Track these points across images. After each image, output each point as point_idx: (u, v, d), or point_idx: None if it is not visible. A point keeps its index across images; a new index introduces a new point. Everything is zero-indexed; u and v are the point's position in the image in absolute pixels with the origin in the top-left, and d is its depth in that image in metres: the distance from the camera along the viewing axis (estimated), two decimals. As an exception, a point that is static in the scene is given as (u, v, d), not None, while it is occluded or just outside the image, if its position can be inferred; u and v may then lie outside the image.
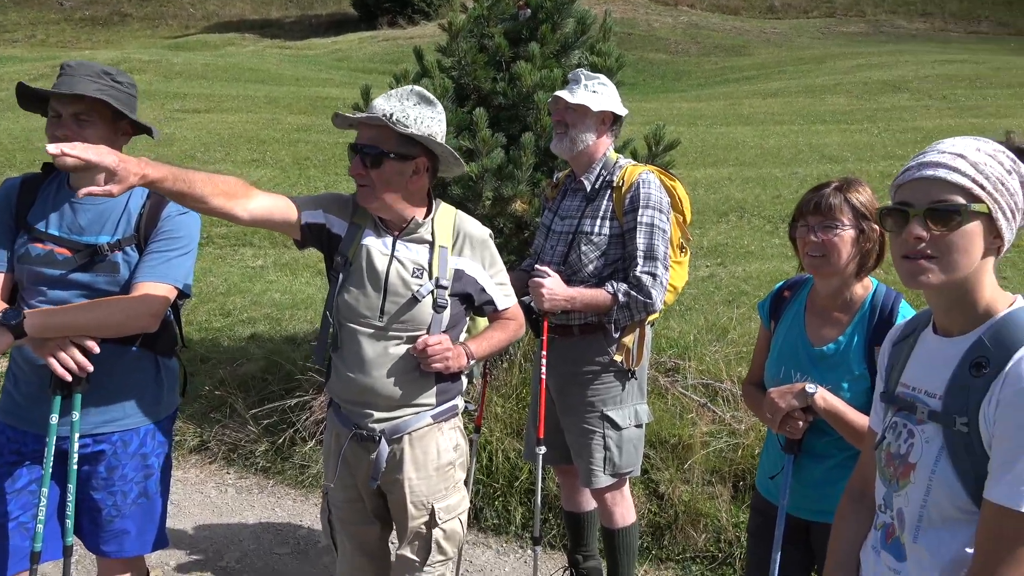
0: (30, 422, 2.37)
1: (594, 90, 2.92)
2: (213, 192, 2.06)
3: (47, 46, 30.64)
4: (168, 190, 1.99)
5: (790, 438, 2.14)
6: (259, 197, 2.19)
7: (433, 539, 2.35)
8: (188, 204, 2.08)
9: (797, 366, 2.19)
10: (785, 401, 2.09)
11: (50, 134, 2.28)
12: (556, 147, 2.97)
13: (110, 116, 2.30)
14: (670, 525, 3.71)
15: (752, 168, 11.20)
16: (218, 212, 2.11)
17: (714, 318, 5.50)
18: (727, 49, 27.92)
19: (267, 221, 2.23)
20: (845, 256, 2.10)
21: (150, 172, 1.91)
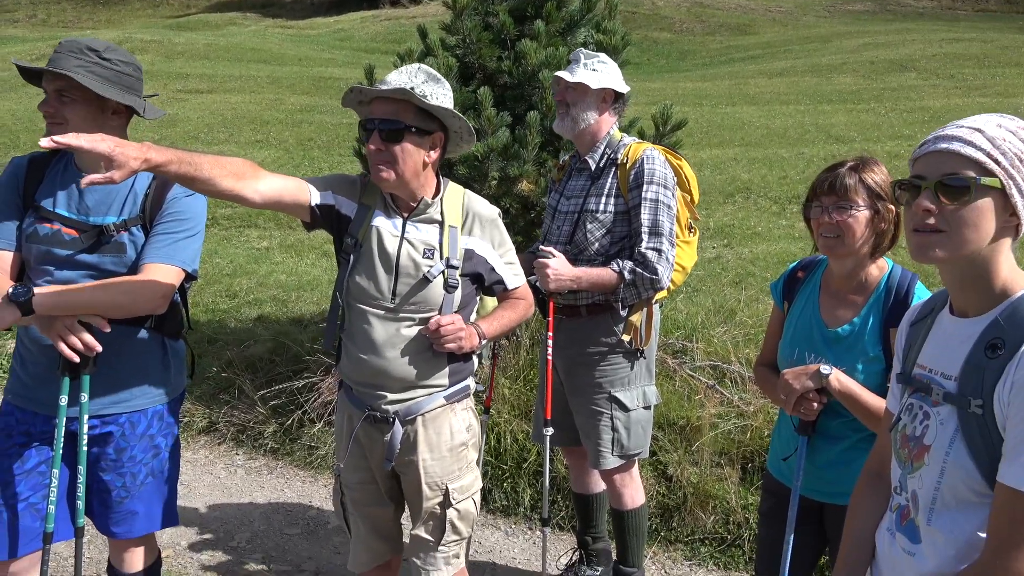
0: (38, 403, 2.37)
1: (594, 68, 2.90)
2: (221, 174, 2.03)
3: (48, 26, 30.49)
4: (174, 173, 1.96)
5: (804, 419, 2.13)
6: (269, 178, 2.17)
7: (447, 519, 2.36)
8: (196, 187, 2.05)
9: (811, 347, 2.17)
10: (800, 383, 2.07)
11: (42, 111, 2.28)
12: (559, 127, 2.97)
13: (93, 93, 2.25)
14: (679, 507, 3.71)
15: (758, 148, 11.14)
16: (227, 194, 2.08)
17: (721, 300, 5.49)
18: (732, 28, 27.70)
19: (277, 203, 2.20)
20: (859, 237, 2.08)
21: (153, 156, 1.88)
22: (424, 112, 2.21)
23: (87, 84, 2.21)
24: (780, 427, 2.36)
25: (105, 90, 2.24)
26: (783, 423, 2.32)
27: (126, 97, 2.30)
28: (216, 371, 5.06)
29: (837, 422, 2.14)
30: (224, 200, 2.12)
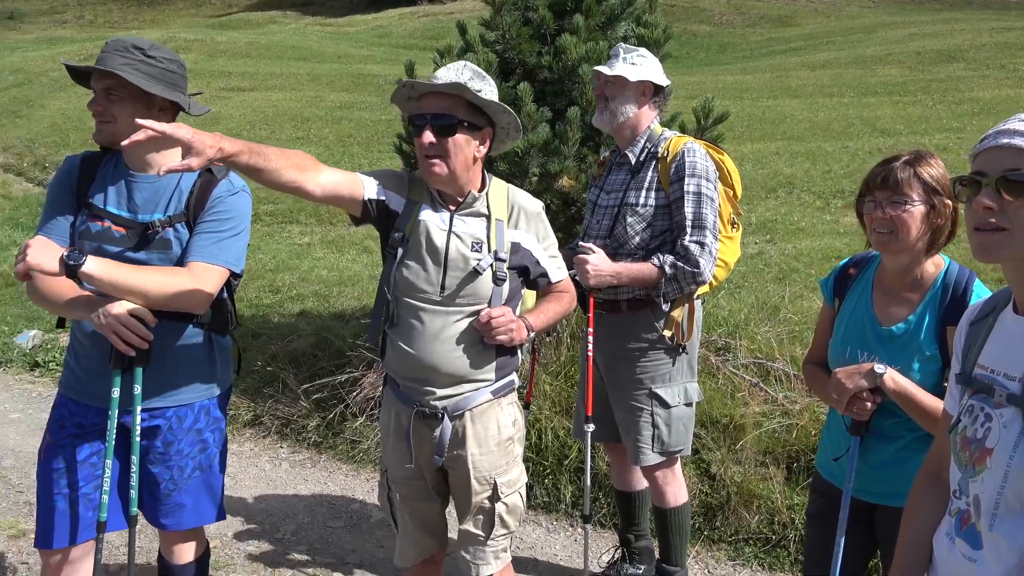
0: (91, 396, 2.42)
1: (633, 62, 2.89)
2: (286, 165, 2.07)
3: (95, 26, 31.17)
4: (244, 164, 1.99)
5: (856, 419, 2.09)
6: (328, 172, 2.20)
7: (496, 513, 2.37)
8: (261, 178, 2.07)
9: (864, 345, 2.13)
10: (853, 382, 2.03)
11: (91, 110, 2.32)
12: (598, 120, 2.97)
13: (140, 91, 2.28)
14: (722, 506, 3.67)
15: (801, 142, 10.96)
16: (290, 186, 2.11)
17: (764, 296, 5.41)
18: (773, 20, 27.29)
19: (335, 196, 2.22)
20: (915, 232, 2.02)
21: (226, 146, 1.92)
22: (474, 107, 2.23)
23: (134, 81, 2.24)
24: (830, 426, 2.31)
25: (151, 87, 2.27)
26: (833, 422, 2.27)
27: (171, 93, 2.33)
28: (261, 365, 5.13)
29: (891, 422, 2.09)
30: (284, 192, 2.15)
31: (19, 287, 7.30)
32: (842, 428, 2.18)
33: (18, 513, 3.87)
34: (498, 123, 2.31)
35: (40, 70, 17.46)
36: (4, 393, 5.47)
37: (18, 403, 5.30)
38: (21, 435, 4.79)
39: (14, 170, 11.75)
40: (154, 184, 2.37)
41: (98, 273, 2.14)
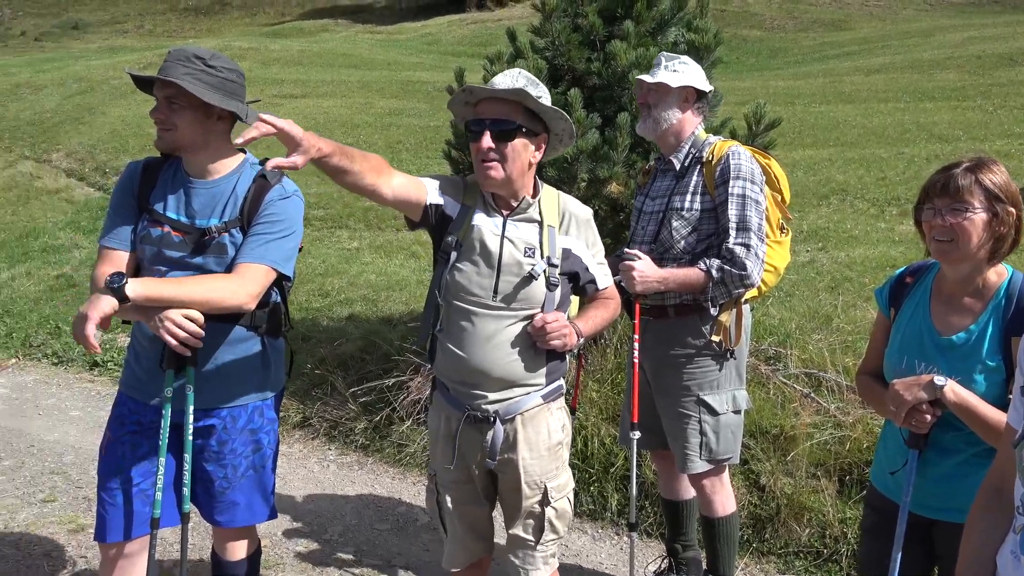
0: (149, 395, 2.48)
1: (674, 69, 2.89)
2: (367, 168, 2.13)
3: (155, 35, 32.07)
4: (333, 165, 2.05)
5: (915, 432, 2.04)
6: (398, 175, 2.25)
7: (546, 518, 2.37)
8: (345, 179, 2.12)
9: (922, 356, 2.07)
10: (912, 394, 1.98)
11: (153, 117, 2.38)
12: (641, 128, 2.98)
13: (200, 100, 2.33)
14: (772, 518, 3.61)
15: (855, 148, 10.74)
16: (368, 189, 2.16)
17: (816, 305, 5.31)
18: (826, 24, 26.83)
19: (404, 200, 2.27)
20: (976, 241, 1.97)
21: (323, 146, 1.99)
22: (531, 113, 2.26)
23: (193, 91, 2.29)
24: (886, 439, 2.26)
25: (210, 96, 2.33)
26: (890, 435, 2.22)
27: (229, 103, 2.38)
28: (310, 368, 5.21)
29: (951, 435, 2.04)
30: (358, 193, 2.20)
31: (80, 288, 7.54)
32: (899, 441, 2.12)
33: (77, 508, 3.99)
34: (553, 129, 2.34)
35: (102, 78, 18.02)
36: (65, 391, 5.65)
37: (78, 401, 5.47)
38: (81, 432, 4.94)
39: (76, 175, 12.14)
40: (211, 190, 2.43)
41: (142, 293, 2.21)
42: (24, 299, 7.52)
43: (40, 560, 3.52)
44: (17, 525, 3.81)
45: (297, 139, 1.92)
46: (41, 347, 6.34)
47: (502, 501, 2.46)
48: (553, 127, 2.33)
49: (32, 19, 35.53)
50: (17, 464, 4.48)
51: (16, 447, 4.71)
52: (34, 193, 11.54)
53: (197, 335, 2.29)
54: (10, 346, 6.46)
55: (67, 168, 12.47)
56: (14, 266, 8.56)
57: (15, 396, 5.54)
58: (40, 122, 15.00)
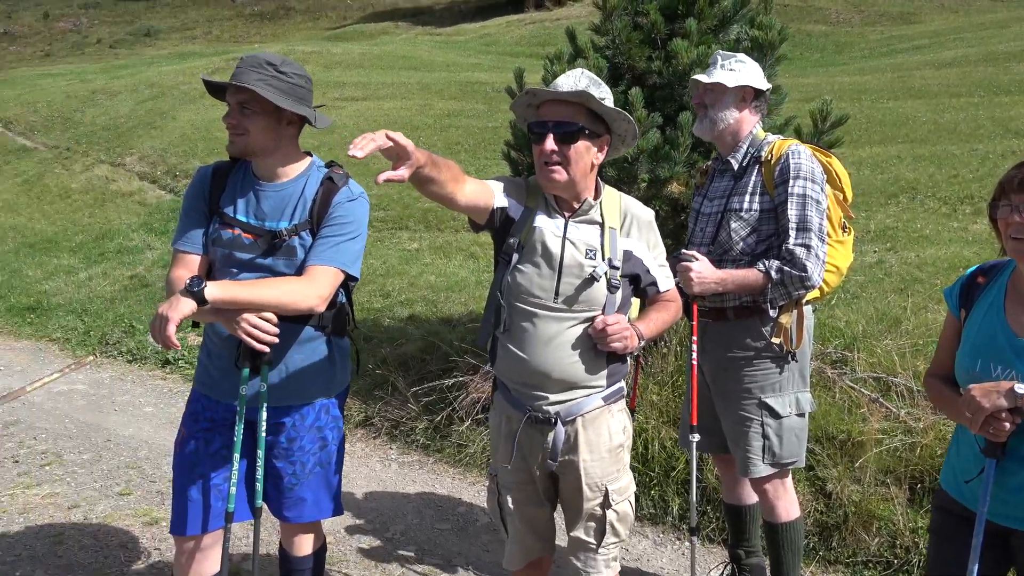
0: (222, 392, 2.56)
1: (731, 68, 2.85)
2: (449, 176, 2.15)
3: (222, 41, 32.96)
4: (425, 175, 2.06)
5: (992, 440, 1.97)
6: (470, 182, 2.27)
7: (607, 521, 2.37)
8: (430, 188, 2.13)
9: (997, 358, 2.00)
10: (990, 400, 1.91)
11: (225, 122, 2.44)
12: (698, 129, 2.96)
13: (272, 105, 2.39)
14: (839, 526, 3.53)
15: (925, 145, 10.39)
16: (446, 196, 2.18)
17: (884, 307, 5.16)
18: (894, 17, 26.03)
19: (474, 206, 2.28)
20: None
21: (420, 157, 2.00)
22: (594, 115, 2.25)
23: (267, 96, 2.35)
24: (959, 445, 2.18)
25: (282, 102, 2.38)
26: (963, 441, 2.15)
27: (299, 108, 2.43)
28: (372, 368, 5.30)
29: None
30: (436, 201, 2.22)
31: (153, 287, 7.81)
32: (974, 448, 2.05)
33: (151, 502, 4.14)
34: (615, 130, 2.33)
35: (172, 84, 18.61)
36: (139, 388, 5.86)
37: (151, 397, 5.67)
38: (154, 428, 5.12)
39: (148, 178, 12.57)
40: (280, 192, 2.49)
41: (219, 296, 2.27)
42: (100, 298, 7.82)
43: (116, 551, 3.66)
44: (96, 516, 3.97)
45: (410, 152, 1.93)
46: (116, 345, 6.59)
47: (563, 503, 2.46)
48: (615, 128, 2.32)
49: (107, 27, 36.90)
50: (95, 457, 4.67)
51: (94, 441, 4.90)
52: (109, 196, 12.00)
53: (273, 334, 2.36)
54: (88, 343, 6.73)
55: (140, 171, 12.92)
56: (91, 266, 8.92)
57: (93, 392, 5.77)
58: (114, 126, 15.58)
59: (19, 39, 36.42)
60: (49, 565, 3.53)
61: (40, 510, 4.03)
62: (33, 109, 17.84)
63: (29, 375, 6.08)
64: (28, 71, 27.28)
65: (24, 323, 7.33)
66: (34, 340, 6.96)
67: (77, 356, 6.53)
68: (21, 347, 6.81)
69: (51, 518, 3.95)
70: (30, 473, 4.45)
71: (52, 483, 4.34)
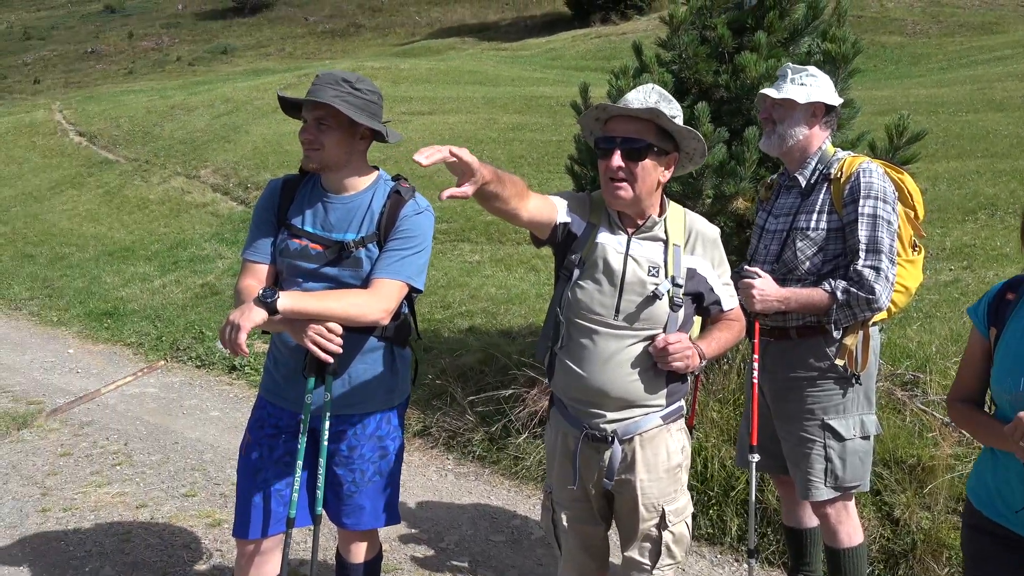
0: (287, 400, 2.62)
1: (802, 83, 2.78)
2: (513, 192, 2.14)
3: (295, 58, 33.91)
4: (490, 192, 2.06)
5: None
6: (534, 197, 2.25)
7: (663, 542, 2.33)
8: (495, 204, 2.12)
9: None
10: None
11: (302, 138, 2.49)
12: (765, 145, 2.90)
13: (347, 121, 2.44)
14: (906, 554, 3.39)
15: (1006, 160, 9.98)
16: (510, 212, 2.17)
17: (960, 328, 4.96)
18: (975, 27, 25.14)
19: (537, 221, 2.27)
20: None
21: (486, 174, 2.01)
22: (664, 132, 2.22)
23: (346, 112, 2.40)
24: (997, 467, 2.05)
25: (359, 117, 2.43)
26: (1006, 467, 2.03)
27: (374, 123, 2.48)
28: (431, 378, 5.34)
29: None
30: (499, 216, 2.21)
31: (222, 295, 8.04)
32: (1020, 475, 1.95)
33: (215, 504, 4.25)
34: (684, 148, 2.30)
35: (246, 99, 19.22)
36: (206, 393, 6.03)
37: (217, 402, 5.83)
38: (219, 432, 5.26)
39: (221, 190, 12.98)
40: (347, 205, 2.54)
41: (290, 306, 2.32)
42: (173, 305, 8.10)
43: (180, 551, 3.76)
44: (162, 516, 4.10)
45: (474, 169, 1.93)
46: (186, 350, 6.81)
47: (618, 522, 2.42)
48: (684, 146, 2.29)
49: (187, 46, 38.39)
50: (163, 459, 4.82)
51: (162, 443, 5.06)
52: (184, 207, 12.43)
53: (338, 344, 2.41)
54: (160, 348, 6.96)
55: (213, 184, 13.36)
56: (165, 274, 9.24)
57: (163, 395, 5.97)
58: (191, 140, 16.15)
59: (105, 58, 38.18)
60: (117, 562, 3.66)
61: (110, 508, 4.17)
62: (116, 124, 18.64)
63: (104, 378, 6.32)
64: (112, 88, 28.57)
65: (101, 327, 7.63)
66: (110, 344, 7.23)
67: (149, 360, 6.76)
68: (98, 351, 7.09)
69: (120, 516, 4.09)
70: (102, 472, 4.62)
71: (122, 482, 4.49)
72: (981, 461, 2.16)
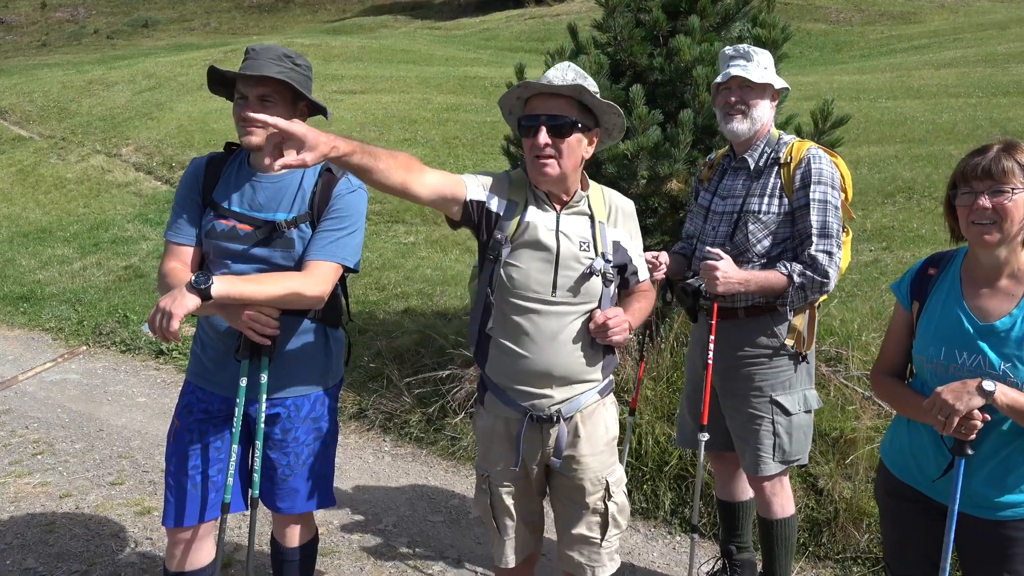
0: (216, 384, 2.55)
1: (766, 66, 2.82)
2: (395, 166, 2.07)
3: (220, 33, 32.84)
4: (355, 164, 2.00)
5: (961, 439, 1.97)
6: (432, 173, 2.21)
7: (609, 513, 2.37)
8: (371, 178, 2.07)
9: (962, 345, 2.02)
10: (963, 403, 1.90)
11: (237, 115, 2.40)
12: (736, 128, 2.81)
13: (290, 97, 2.40)
14: (829, 522, 3.54)
15: (922, 145, 10.41)
16: (398, 188, 2.11)
17: (879, 306, 5.17)
18: (895, 16, 26.06)
19: (441, 197, 2.22)
20: (1019, 221, 1.95)
21: (340, 145, 1.93)
22: (585, 108, 2.24)
23: (300, 88, 2.36)
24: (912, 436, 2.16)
25: (308, 94, 2.40)
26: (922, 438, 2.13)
27: (318, 100, 2.44)
28: (366, 361, 5.29)
29: (994, 434, 1.99)
30: (390, 194, 2.15)
31: (147, 279, 7.79)
32: (937, 446, 2.07)
33: (144, 491, 4.13)
34: (604, 124, 2.32)
35: (170, 75, 18.56)
36: (132, 378, 5.85)
37: (144, 388, 5.66)
38: (147, 418, 5.11)
39: (144, 169, 12.54)
40: (277, 183, 2.48)
41: (225, 292, 2.24)
42: (94, 288, 7.81)
43: (108, 541, 3.65)
44: (87, 506, 3.97)
45: (299, 136, 1.85)
46: (110, 335, 6.58)
47: (560, 501, 2.43)
48: (604, 122, 2.31)
49: (105, 18, 36.76)
50: (87, 447, 4.66)
51: (87, 431, 4.89)
52: (105, 186, 11.97)
53: (274, 327, 2.37)
54: (81, 333, 6.71)
55: (136, 162, 12.89)
56: (85, 256, 8.90)
57: (86, 382, 5.76)
58: (111, 117, 15.54)
59: (15, 29, 36.26)
60: (40, 554, 3.53)
61: (31, 499, 4.02)
62: (29, 99, 17.79)
63: (22, 364, 6.07)
64: (25, 61, 27.20)
65: (17, 312, 7.31)
66: (27, 330, 6.94)
67: (70, 346, 6.51)
68: (14, 336, 6.79)
69: (42, 507, 3.94)
70: (22, 462, 4.44)
71: (44, 472, 4.33)
72: (896, 427, 2.27)
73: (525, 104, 2.30)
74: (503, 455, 2.38)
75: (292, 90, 2.38)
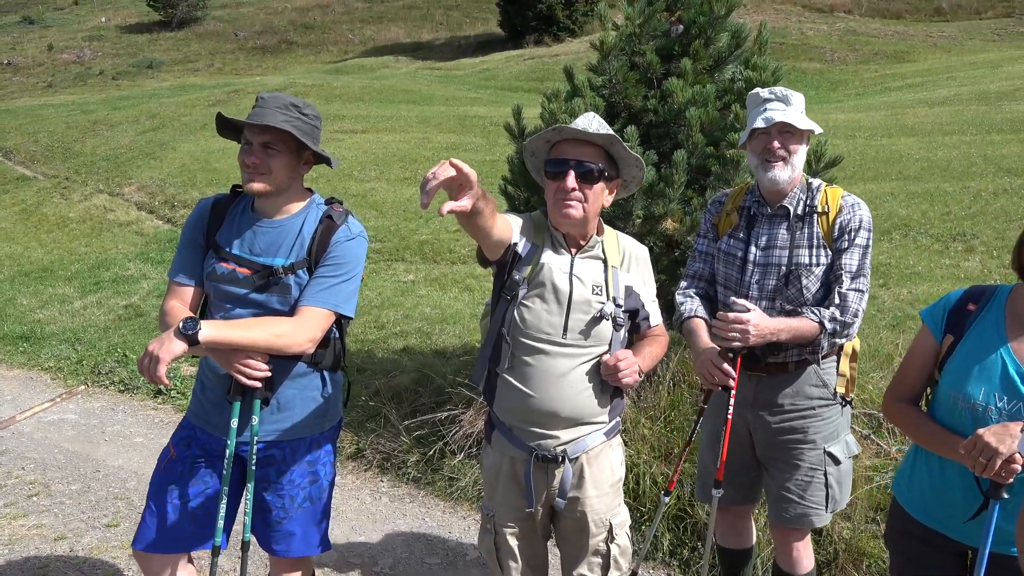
0: (212, 425, 2.56)
1: (801, 109, 2.72)
2: (491, 210, 2.09)
3: (223, 73, 33.28)
4: (478, 209, 1.99)
5: (1000, 482, 1.94)
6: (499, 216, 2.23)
7: (611, 556, 2.38)
8: (476, 221, 2.06)
9: (1003, 388, 2.00)
10: (1006, 446, 1.87)
11: (241, 160, 2.44)
12: (777, 176, 2.68)
13: (295, 146, 2.43)
14: (829, 563, 3.50)
15: (918, 182, 10.50)
16: (485, 230, 2.13)
17: (876, 344, 5.18)
18: (888, 56, 26.41)
19: (500, 240, 2.24)
20: None
21: (478, 189, 1.94)
22: (610, 158, 2.29)
23: (302, 139, 2.39)
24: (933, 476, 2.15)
25: (311, 144, 2.43)
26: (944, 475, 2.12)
27: (323, 150, 2.48)
28: (364, 400, 5.28)
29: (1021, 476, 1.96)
30: (473, 235, 2.16)
31: (146, 317, 7.80)
32: (968, 487, 2.04)
33: (139, 532, 4.09)
34: (624, 176, 2.36)
35: (173, 115, 18.76)
36: (130, 418, 5.83)
37: (142, 428, 5.63)
38: (144, 458, 5.08)
39: (147, 208, 12.62)
40: (277, 229, 2.51)
41: (212, 337, 2.27)
42: (94, 327, 7.81)
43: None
44: (82, 548, 3.93)
45: (472, 181, 1.87)
46: (109, 375, 6.57)
47: (565, 541, 2.45)
48: (625, 173, 2.36)
49: (110, 59, 37.27)
50: (83, 488, 4.63)
51: (83, 472, 4.87)
52: (107, 225, 12.04)
53: (263, 371, 2.38)
54: (80, 372, 6.70)
55: (138, 201, 12.98)
56: (86, 295, 8.92)
57: (83, 422, 5.74)
58: (114, 156, 15.68)
59: (22, 70, 36.77)
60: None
61: (25, 541, 3.99)
62: (34, 139, 17.97)
63: (20, 404, 6.05)
64: (31, 101, 27.53)
65: (16, 352, 7.31)
66: (26, 369, 6.94)
67: (69, 385, 6.50)
68: (13, 376, 6.78)
69: (36, 550, 3.91)
70: (16, 504, 4.41)
71: (39, 514, 4.30)
72: (914, 466, 2.23)
73: (551, 148, 2.34)
74: (509, 494, 2.40)
75: (296, 139, 2.42)
